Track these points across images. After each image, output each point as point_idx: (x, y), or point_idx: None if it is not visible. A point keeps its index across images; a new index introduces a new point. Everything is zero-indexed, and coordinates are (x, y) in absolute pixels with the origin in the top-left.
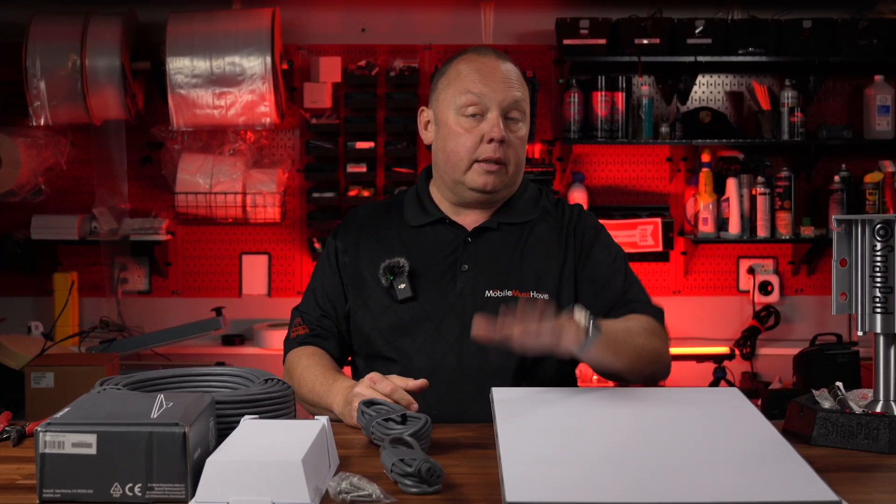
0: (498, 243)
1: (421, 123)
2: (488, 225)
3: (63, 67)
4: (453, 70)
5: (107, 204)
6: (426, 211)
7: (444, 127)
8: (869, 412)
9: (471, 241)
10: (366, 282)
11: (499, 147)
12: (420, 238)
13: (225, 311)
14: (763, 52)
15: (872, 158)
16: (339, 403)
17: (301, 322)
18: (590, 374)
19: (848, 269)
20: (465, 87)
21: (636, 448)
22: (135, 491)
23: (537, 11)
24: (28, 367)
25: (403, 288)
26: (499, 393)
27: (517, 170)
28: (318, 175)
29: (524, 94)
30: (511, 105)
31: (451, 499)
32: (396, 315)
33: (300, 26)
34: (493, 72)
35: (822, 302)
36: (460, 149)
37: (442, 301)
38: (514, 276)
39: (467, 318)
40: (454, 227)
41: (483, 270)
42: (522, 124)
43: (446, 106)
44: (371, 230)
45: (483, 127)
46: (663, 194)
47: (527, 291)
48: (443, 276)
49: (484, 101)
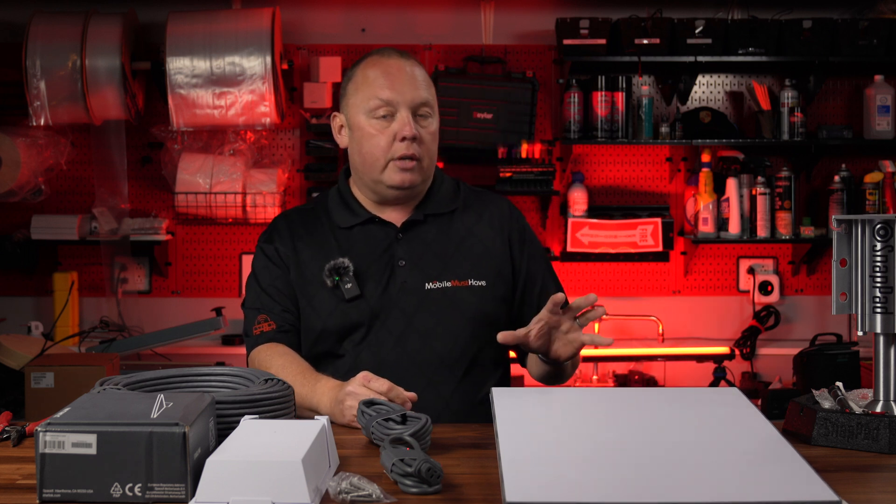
0: (429, 235)
1: (335, 128)
2: (415, 218)
3: (63, 67)
4: (360, 75)
5: (107, 204)
6: (353, 212)
7: (358, 130)
8: (869, 412)
9: (402, 237)
10: (309, 283)
11: (411, 144)
12: (352, 238)
13: (225, 311)
14: (763, 52)
15: (872, 158)
16: (327, 403)
17: (266, 318)
18: (590, 375)
19: (848, 269)
20: (373, 92)
21: (636, 448)
22: (135, 491)
23: (537, 11)
24: (28, 367)
25: (350, 287)
26: (499, 393)
27: (431, 164)
28: (318, 175)
29: (430, 91)
30: (419, 103)
31: (451, 499)
32: (344, 314)
33: (300, 26)
34: (398, 73)
35: (822, 302)
36: (375, 150)
37: (385, 297)
38: (450, 267)
39: (410, 311)
40: (384, 225)
41: (419, 264)
42: (432, 119)
43: (357, 111)
44: (304, 233)
45: (394, 127)
46: (663, 194)
47: (465, 280)
48: (382, 272)
49: (393, 102)
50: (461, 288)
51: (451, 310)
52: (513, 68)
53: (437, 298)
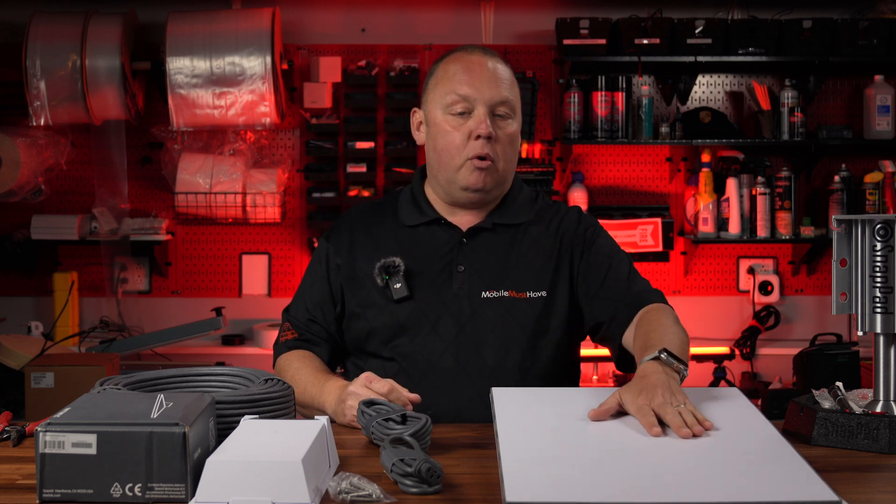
0: (493, 244)
1: (413, 125)
2: (483, 226)
3: (63, 67)
4: (441, 70)
5: (107, 204)
6: (421, 211)
7: (434, 126)
8: (869, 412)
9: (466, 242)
10: (362, 282)
11: (486, 143)
12: (415, 238)
13: (225, 311)
14: (763, 52)
15: (872, 158)
16: (332, 402)
17: (290, 327)
18: (589, 375)
19: (848, 269)
20: (452, 87)
21: (636, 448)
22: (135, 491)
23: (537, 11)
24: (28, 367)
25: (399, 287)
26: (499, 393)
27: (507, 167)
28: (318, 175)
29: (513, 91)
30: (498, 102)
31: (451, 499)
32: (392, 315)
33: (300, 26)
34: (479, 69)
35: (822, 302)
36: (450, 146)
37: (438, 301)
38: (509, 277)
39: (464, 319)
40: (449, 228)
41: (479, 271)
42: (512, 121)
43: (435, 106)
44: (365, 230)
45: (470, 124)
46: (663, 194)
47: (523, 292)
48: (439, 276)
49: (470, 98)
50: (518, 299)
51: (507, 320)
52: (513, 68)
53: (493, 307)
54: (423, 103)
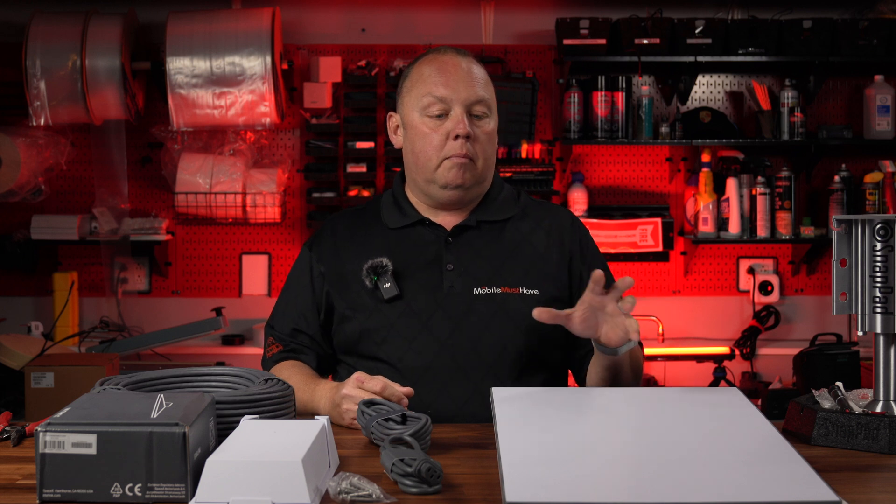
0: (479, 241)
1: (390, 128)
2: (468, 223)
3: (63, 67)
4: (415, 72)
5: (107, 204)
6: (404, 213)
7: (411, 129)
8: (869, 412)
9: (452, 241)
10: (350, 285)
11: (465, 143)
12: (401, 239)
13: (225, 311)
14: (763, 52)
15: (872, 158)
16: (325, 406)
17: (274, 340)
18: None
19: (848, 269)
20: (427, 88)
21: (636, 448)
22: (135, 491)
23: (537, 11)
24: (28, 367)
25: (389, 287)
26: (499, 393)
27: (486, 165)
28: (318, 175)
29: (489, 90)
30: (474, 101)
31: (451, 499)
32: (383, 315)
33: (300, 26)
34: (454, 70)
35: (822, 302)
36: (428, 148)
37: (430, 300)
38: (500, 274)
39: (458, 317)
40: (434, 228)
41: (468, 269)
42: (489, 119)
43: (411, 109)
44: (349, 235)
45: (448, 125)
46: (663, 194)
47: (516, 288)
48: (428, 275)
49: (446, 99)
50: (511, 295)
51: (500, 317)
52: (513, 68)
53: (486, 304)
54: (399, 107)
